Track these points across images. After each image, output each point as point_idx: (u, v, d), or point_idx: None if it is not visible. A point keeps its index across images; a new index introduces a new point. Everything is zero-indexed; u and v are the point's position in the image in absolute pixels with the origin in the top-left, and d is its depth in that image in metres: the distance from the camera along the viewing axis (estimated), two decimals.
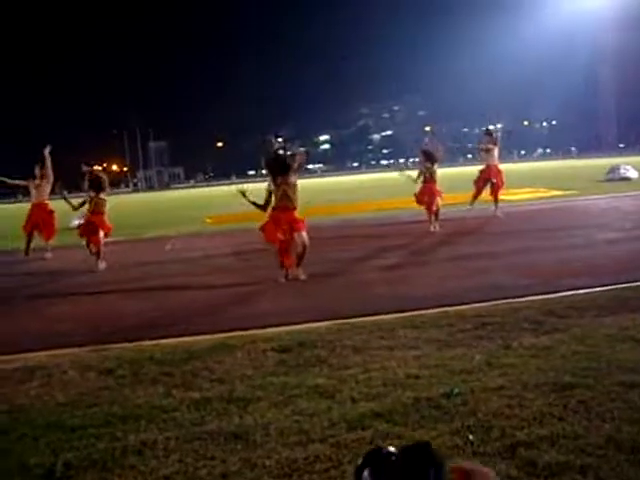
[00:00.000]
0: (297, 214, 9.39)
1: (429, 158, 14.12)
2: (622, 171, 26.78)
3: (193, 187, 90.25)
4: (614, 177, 26.32)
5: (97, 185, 12.12)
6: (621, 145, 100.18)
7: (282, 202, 9.25)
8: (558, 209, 17.19)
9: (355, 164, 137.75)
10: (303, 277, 9.23)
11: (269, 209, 9.39)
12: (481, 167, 16.23)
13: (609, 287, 7.12)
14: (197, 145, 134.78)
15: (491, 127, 20.82)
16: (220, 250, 13.35)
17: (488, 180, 15.88)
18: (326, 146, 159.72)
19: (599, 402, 3.91)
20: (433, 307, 6.74)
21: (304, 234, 9.25)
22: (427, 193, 13.97)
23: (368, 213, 19.51)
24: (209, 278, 10.06)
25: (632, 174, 26.67)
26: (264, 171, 9.45)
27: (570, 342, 5.17)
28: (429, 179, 14.02)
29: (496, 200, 15.88)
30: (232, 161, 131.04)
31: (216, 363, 5.33)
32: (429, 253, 11.19)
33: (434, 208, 13.85)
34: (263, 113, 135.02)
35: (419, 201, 14.30)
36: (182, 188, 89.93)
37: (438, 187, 14.12)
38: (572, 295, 6.94)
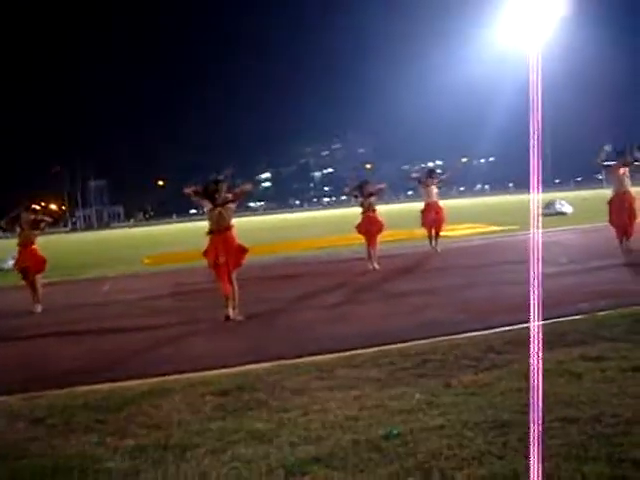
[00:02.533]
0: (234, 235, 9.34)
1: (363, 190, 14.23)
2: (557, 206, 27.40)
3: (133, 226, 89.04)
4: (550, 212, 26.87)
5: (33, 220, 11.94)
6: (556, 181, 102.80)
7: (218, 224, 9.21)
8: (496, 244, 17.45)
9: (297, 202, 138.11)
10: (240, 318, 9.12)
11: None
12: (422, 206, 16.39)
13: (546, 322, 7.18)
14: (137, 184, 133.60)
15: (429, 164, 20.91)
16: (158, 291, 13.12)
17: (432, 218, 16.08)
18: (267, 184, 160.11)
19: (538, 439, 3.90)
20: (373, 346, 6.71)
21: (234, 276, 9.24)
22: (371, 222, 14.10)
23: (309, 251, 19.48)
24: (146, 320, 9.87)
25: (567, 209, 27.33)
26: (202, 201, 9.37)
27: (509, 378, 5.19)
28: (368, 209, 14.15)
29: (437, 236, 16.11)
30: (173, 200, 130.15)
31: (153, 408, 5.19)
32: (369, 291, 11.19)
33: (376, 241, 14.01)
34: (204, 152, 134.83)
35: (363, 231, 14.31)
36: (122, 227, 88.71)
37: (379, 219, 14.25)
38: (510, 330, 6.98)
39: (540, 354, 5.05)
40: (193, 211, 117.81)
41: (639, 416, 4.14)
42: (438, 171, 17.30)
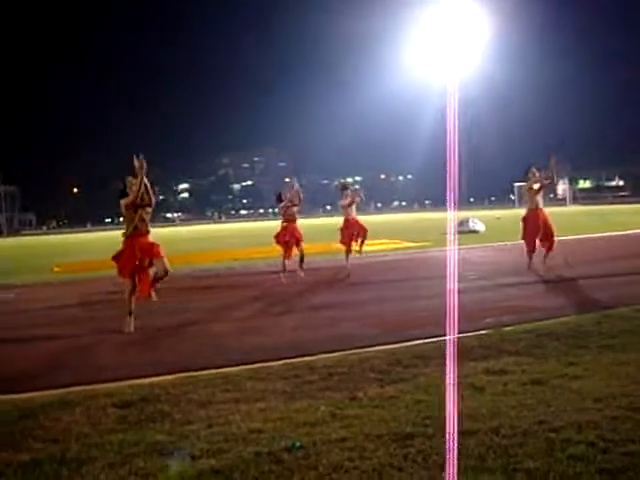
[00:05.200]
0: (151, 238, 9.23)
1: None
2: (471, 224, 27.98)
3: (45, 234, 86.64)
4: (463, 229, 27.38)
5: None
6: (471, 199, 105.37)
7: (138, 227, 9.07)
8: (410, 260, 17.70)
9: (214, 213, 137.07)
10: (155, 299, 9.10)
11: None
12: (341, 223, 16.33)
13: (455, 336, 7.31)
14: (51, 191, 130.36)
15: (348, 180, 20.94)
16: (66, 300, 12.76)
17: (352, 234, 16.10)
18: (185, 195, 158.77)
19: (438, 451, 3.96)
20: (282, 358, 6.69)
21: (165, 260, 9.08)
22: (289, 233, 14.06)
23: (224, 263, 19.32)
24: (52, 330, 9.56)
25: (480, 227, 27.97)
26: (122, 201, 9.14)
27: (414, 392, 5.25)
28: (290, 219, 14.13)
29: (358, 251, 16.06)
30: (88, 208, 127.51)
31: (51, 421, 5.02)
32: (283, 303, 11.18)
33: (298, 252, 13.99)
34: (121, 161, 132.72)
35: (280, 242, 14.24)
36: (33, 235, 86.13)
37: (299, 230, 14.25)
38: (419, 344, 7.09)
39: (454, 367, 5.16)
40: (108, 220, 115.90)
41: (535, 428, 4.26)
42: (356, 187, 17.27)
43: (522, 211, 14.23)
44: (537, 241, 13.53)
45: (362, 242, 15.99)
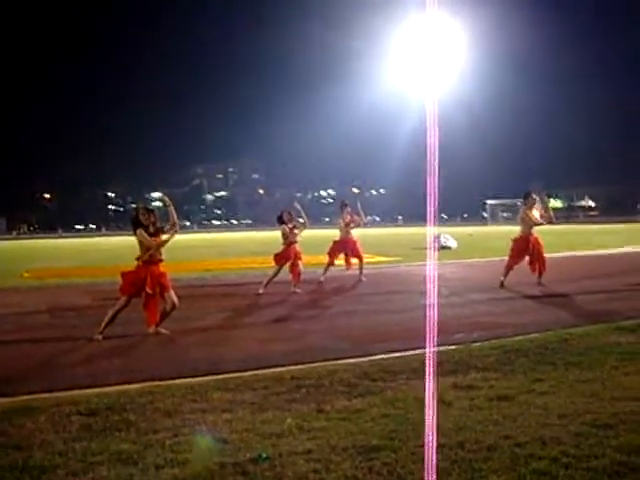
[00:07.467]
0: (163, 268, 9.50)
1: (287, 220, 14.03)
2: (443, 240, 28.10)
3: (15, 239, 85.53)
4: (436, 245, 27.46)
5: None
6: (444, 216, 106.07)
7: (154, 255, 9.36)
8: (382, 274, 17.75)
9: (187, 223, 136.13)
10: (164, 331, 9.19)
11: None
12: (338, 237, 16.34)
13: (424, 351, 7.34)
14: (23, 196, 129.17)
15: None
16: (35, 307, 12.58)
17: (342, 251, 16.16)
18: (158, 204, 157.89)
19: (402, 464, 3.98)
20: (250, 369, 6.69)
21: (172, 293, 9.30)
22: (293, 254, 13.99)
23: (194, 273, 19.21)
24: (19, 336, 9.44)
25: (451, 243, 28.12)
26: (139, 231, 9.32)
27: (381, 405, 5.27)
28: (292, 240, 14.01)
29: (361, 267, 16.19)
30: (59, 214, 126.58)
31: (15, 428, 4.96)
32: (253, 315, 11.16)
33: (298, 269, 13.85)
34: (94, 167, 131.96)
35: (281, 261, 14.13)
36: (2, 239, 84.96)
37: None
38: (387, 358, 7.12)
39: (425, 382, 5.17)
40: (79, 226, 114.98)
41: (500, 443, 4.29)
42: (358, 205, 16.87)
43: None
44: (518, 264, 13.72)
45: (360, 268, 16.04)
